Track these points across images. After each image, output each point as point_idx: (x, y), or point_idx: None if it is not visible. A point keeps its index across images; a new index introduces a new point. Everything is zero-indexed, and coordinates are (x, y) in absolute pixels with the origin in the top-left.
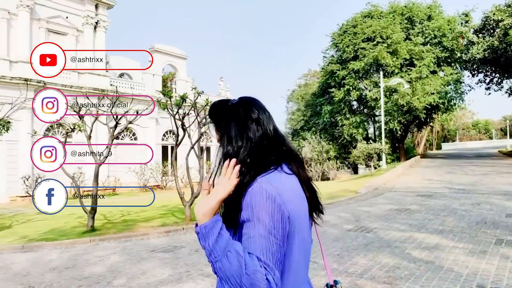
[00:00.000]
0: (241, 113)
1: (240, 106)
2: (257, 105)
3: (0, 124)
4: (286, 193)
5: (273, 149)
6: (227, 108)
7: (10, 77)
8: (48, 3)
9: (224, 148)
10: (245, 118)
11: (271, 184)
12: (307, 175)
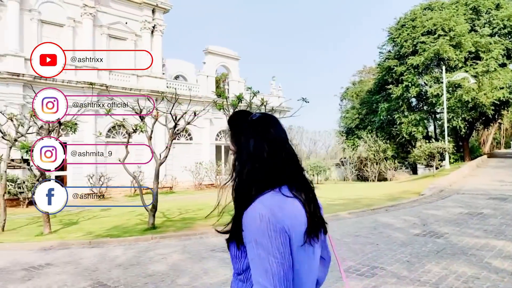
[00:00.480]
0: (258, 132)
1: (259, 123)
2: (276, 125)
3: (68, 125)
4: (281, 212)
5: (279, 170)
6: (246, 123)
7: (76, 81)
8: (109, 10)
9: (235, 162)
10: (260, 137)
11: (264, 205)
12: (310, 197)
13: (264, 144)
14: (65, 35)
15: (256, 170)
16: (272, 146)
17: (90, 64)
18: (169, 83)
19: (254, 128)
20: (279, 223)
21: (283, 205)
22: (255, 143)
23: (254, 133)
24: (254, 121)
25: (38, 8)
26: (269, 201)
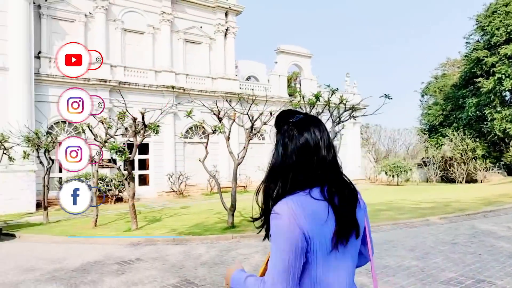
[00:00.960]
0: (292, 135)
1: (296, 126)
2: (313, 128)
3: (151, 127)
4: (303, 215)
5: (309, 173)
6: (286, 124)
7: (156, 85)
8: (185, 16)
9: (271, 159)
10: (294, 140)
11: (288, 206)
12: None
13: (295, 147)
14: (145, 42)
15: (285, 170)
16: (303, 149)
17: (169, 68)
18: (242, 84)
19: (290, 130)
20: (299, 226)
21: (308, 208)
22: (288, 145)
23: (289, 136)
24: (292, 124)
25: (121, 18)
26: (293, 203)
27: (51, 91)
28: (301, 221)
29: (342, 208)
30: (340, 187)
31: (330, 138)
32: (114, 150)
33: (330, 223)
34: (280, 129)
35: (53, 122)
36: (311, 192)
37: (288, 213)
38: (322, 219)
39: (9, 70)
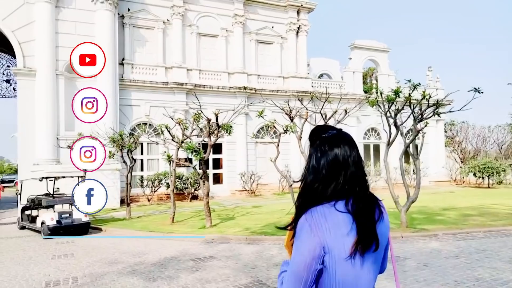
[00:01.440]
0: (324, 150)
1: (327, 142)
2: (347, 144)
3: (224, 128)
4: (325, 226)
5: (336, 186)
6: (319, 139)
7: (229, 87)
8: (257, 17)
9: (304, 171)
10: (325, 155)
11: (312, 215)
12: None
13: (326, 162)
14: (219, 45)
15: (314, 182)
16: (332, 164)
17: (241, 69)
18: (314, 83)
19: (322, 145)
20: (318, 236)
21: (330, 219)
22: (319, 160)
23: (321, 151)
24: (324, 139)
25: (196, 23)
26: (317, 213)
27: (133, 95)
28: (321, 231)
29: (364, 222)
30: (364, 202)
31: (359, 154)
32: (189, 150)
33: (352, 235)
34: (314, 143)
35: (135, 124)
36: (336, 204)
37: (311, 223)
38: (343, 230)
39: (97, 76)
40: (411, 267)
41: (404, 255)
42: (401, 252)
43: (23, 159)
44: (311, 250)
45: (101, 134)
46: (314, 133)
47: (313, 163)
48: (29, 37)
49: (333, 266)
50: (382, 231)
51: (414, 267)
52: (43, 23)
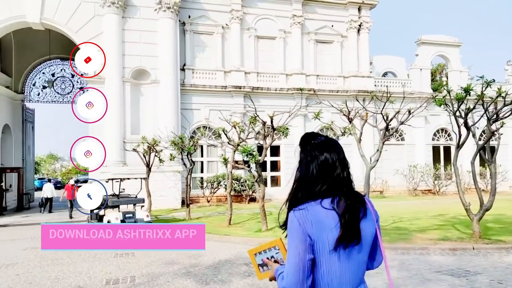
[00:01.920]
0: (314, 155)
1: (317, 148)
2: (334, 149)
3: (280, 130)
4: (310, 221)
5: (323, 187)
6: (310, 145)
7: (287, 89)
8: (316, 16)
9: (296, 174)
10: (315, 159)
11: (300, 212)
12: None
13: (316, 165)
14: (277, 46)
15: (304, 183)
16: (322, 167)
17: (299, 70)
18: (377, 81)
19: (312, 150)
20: (305, 229)
21: (315, 215)
22: (309, 163)
23: (311, 155)
24: (315, 145)
25: (254, 26)
26: (304, 210)
27: (194, 99)
28: (307, 226)
29: (347, 218)
30: (349, 200)
31: (345, 158)
32: (245, 153)
33: (336, 230)
34: (304, 149)
35: (195, 127)
36: (322, 202)
37: (299, 218)
38: (327, 226)
39: (160, 82)
40: (483, 283)
41: (475, 269)
42: (471, 266)
43: None
44: (302, 241)
45: (163, 137)
46: (304, 140)
47: (304, 167)
48: None
49: (319, 257)
50: (366, 227)
51: (486, 284)
52: (111, 33)
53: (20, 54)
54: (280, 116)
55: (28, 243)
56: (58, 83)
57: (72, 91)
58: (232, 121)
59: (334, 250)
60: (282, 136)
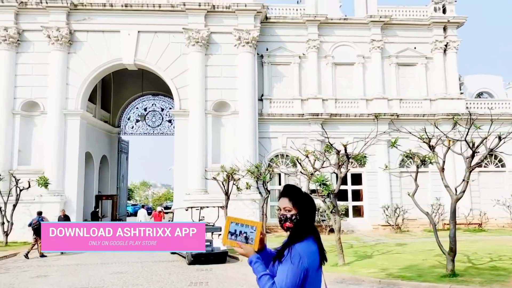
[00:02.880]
0: (311, 202)
1: (309, 197)
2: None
3: (357, 158)
4: (307, 253)
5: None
6: (304, 195)
7: (367, 114)
8: (396, 39)
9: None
10: (313, 205)
11: (302, 247)
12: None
13: (314, 211)
14: (355, 72)
15: (307, 223)
16: (314, 211)
17: (380, 95)
18: (469, 103)
19: (308, 199)
20: (304, 261)
21: (309, 249)
22: (311, 208)
23: (309, 203)
24: (307, 195)
25: (331, 53)
26: (305, 246)
27: (271, 127)
28: (305, 259)
29: (322, 247)
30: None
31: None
32: (318, 183)
33: (317, 256)
34: (298, 196)
35: (273, 155)
36: (311, 238)
37: (301, 252)
38: (315, 255)
39: (239, 113)
40: None
41: None
42: None
43: (178, 189)
44: (301, 270)
45: (240, 166)
46: (297, 191)
47: (306, 211)
48: (184, 83)
49: (310, 275)
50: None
51: None
52: (195, 70)
53: (118, 92)
54: (360, 143)
55: (116, 268)
56: (149, 116)
57: (162, 123)
58: (306, 150)
59: (318, 269)
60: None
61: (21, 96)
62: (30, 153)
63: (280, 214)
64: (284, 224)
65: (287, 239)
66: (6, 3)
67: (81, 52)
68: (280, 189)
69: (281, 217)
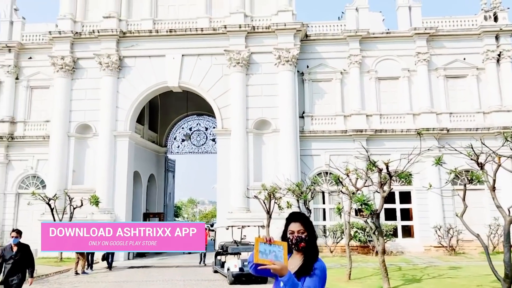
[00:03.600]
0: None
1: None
2: None
3: (401, 176)
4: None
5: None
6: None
7: (414, 129)
8: (443, 51)
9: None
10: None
11: (322, 263)
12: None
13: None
14: (400, 86)
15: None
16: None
17: (428, 109)
18: None
19: (312, 223)
20: (326, 274)
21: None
22: (315, 230)
23: (313, 226)
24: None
25: (375, 68)
26: (322, 262)
27: (313, 145)
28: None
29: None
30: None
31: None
32: (359, 202)
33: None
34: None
35: (316, 173)
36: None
37: (325, 267)
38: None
39: (280, 131)
40: None
41: None
42: None
43: (221, 207)
44: (324, 282)
45: (281, 184)
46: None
47: (315, 233)
48: (226, 102)
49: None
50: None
51: None
52: (236, 90)
53: (164, 113)
54: (406, 159)
55: (160, 285)
56: (194, 135)
57: (206, 142)
58: (346, 168)
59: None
60: (406, 182)
61: (76, 119)
62: (83, 173)
63: (295, 236)
64: (300, 244)
65: (307, 257)
66: (63, 34)
67: (130, 76)
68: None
69: (297, 238)
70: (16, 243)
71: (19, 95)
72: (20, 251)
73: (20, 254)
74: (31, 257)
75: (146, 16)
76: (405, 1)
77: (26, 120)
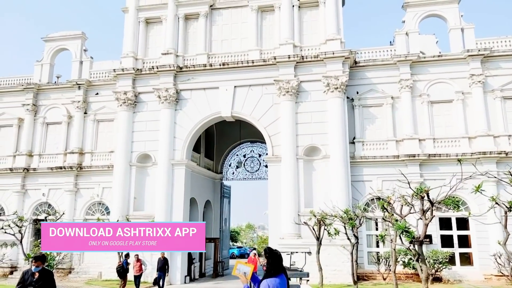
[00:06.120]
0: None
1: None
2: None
3: (447, 203)
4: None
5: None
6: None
7: (471, 153)
8: (500, 72)
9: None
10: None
11: (268, 282)
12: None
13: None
14: (454, 109)
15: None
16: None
17: (485, 132)
18: None
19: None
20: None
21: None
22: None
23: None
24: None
25: (427, 92)
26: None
27: (365, 171)
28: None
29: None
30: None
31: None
32: (400, 230)
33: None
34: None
35: (368, 199)
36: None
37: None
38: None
39: (330, 157)
40: None
41: None
42: None
43: (272, 233)
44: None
45: (329, 211)
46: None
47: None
48: (276, 130)
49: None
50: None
51: None
52: (286, 117)
53: (220, 141)
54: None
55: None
56: (248, 162)
57: (259, 168)
58: (387, 196)
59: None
60: (453, 209)
61: (137, 149)
62: (143, 200)
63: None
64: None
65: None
66: (126, 71)
67: (186, 108)
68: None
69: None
70: (37, 271)
71: (87, 128)
72: (42, 278)
73: (41, 281)
74: (53, 285)
75: (201, 51)
76: (457, 23)
77: (93, 151)
